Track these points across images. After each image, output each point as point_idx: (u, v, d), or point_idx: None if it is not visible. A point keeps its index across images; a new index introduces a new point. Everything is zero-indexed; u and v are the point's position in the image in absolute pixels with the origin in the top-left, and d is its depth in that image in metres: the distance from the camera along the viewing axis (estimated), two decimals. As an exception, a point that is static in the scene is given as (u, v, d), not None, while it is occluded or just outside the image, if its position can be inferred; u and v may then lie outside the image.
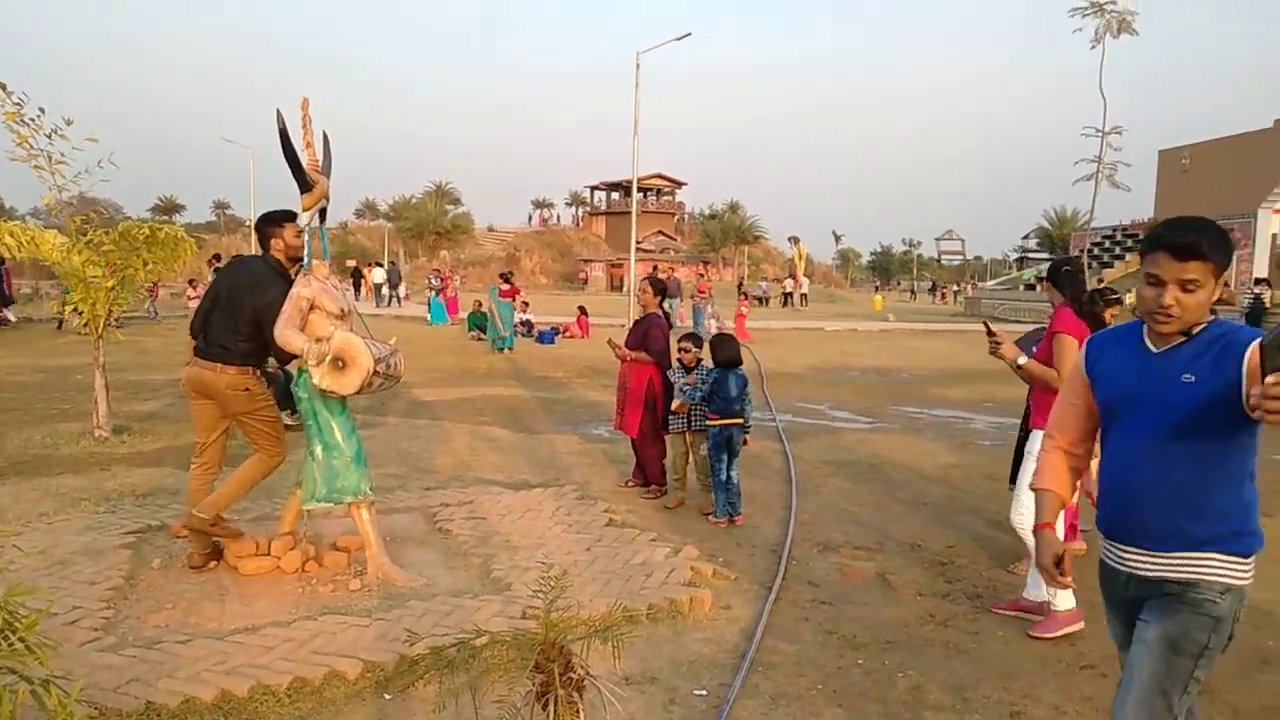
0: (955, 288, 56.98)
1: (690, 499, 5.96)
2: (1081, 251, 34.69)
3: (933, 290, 63.16)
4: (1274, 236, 31.98)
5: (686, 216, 75.91)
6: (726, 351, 5.72)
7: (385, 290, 30.54)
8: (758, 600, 4.25)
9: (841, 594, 4.41)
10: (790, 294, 43.25)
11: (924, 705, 3.28)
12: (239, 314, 4.32)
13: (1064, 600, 3.92)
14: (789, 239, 62.79)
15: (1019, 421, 5.66)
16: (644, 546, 4.75)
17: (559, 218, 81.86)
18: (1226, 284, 29.50)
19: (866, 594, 4.43)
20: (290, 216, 4.36)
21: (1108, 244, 36.88)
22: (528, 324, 20.05)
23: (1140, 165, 36.75)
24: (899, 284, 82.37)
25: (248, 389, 4.35)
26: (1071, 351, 3.90)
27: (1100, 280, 32.69)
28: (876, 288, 69.49)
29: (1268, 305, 23.36)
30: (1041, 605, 4.03)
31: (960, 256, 77.91)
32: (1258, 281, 26.53)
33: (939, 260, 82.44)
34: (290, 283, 4.23)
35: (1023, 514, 4.09)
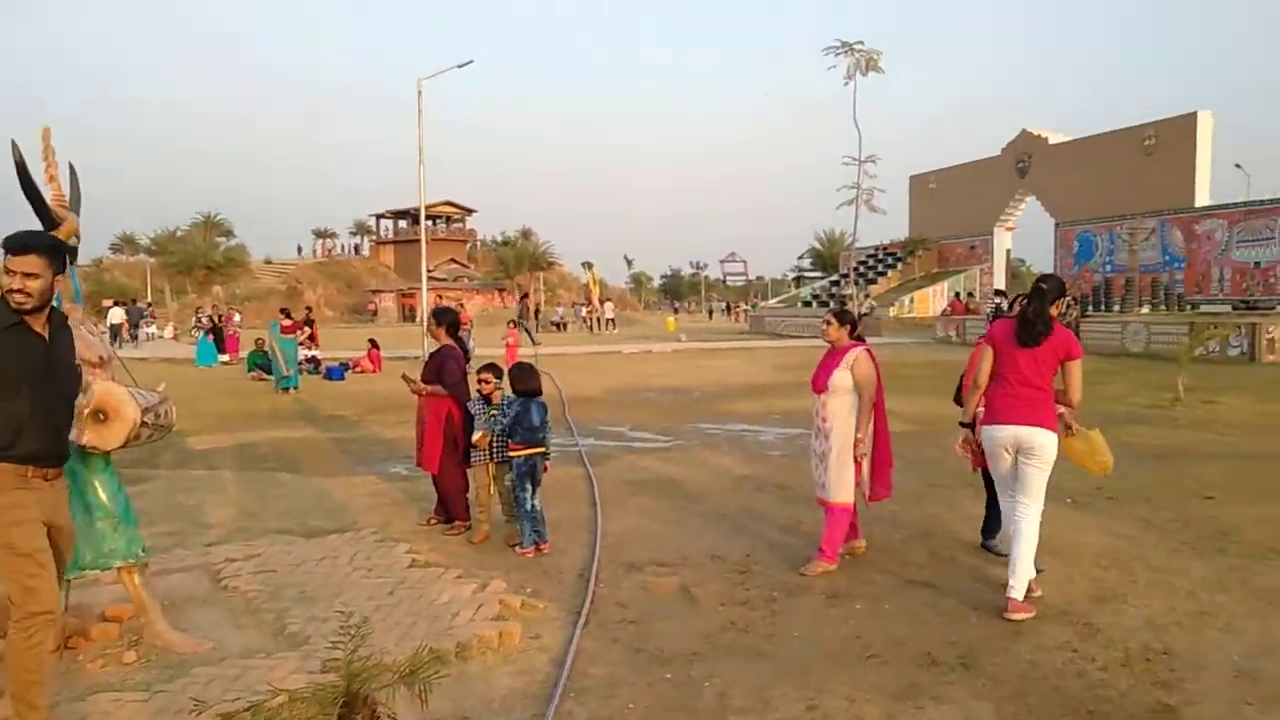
0: (747, 307, 60.16)
1: (495, 531, 5.89)
2: (849, 269, 37.76)
3: (727, 310, 66.80)
4: (1007, 252, 36.29)
5: (479, 244, 75.27)
6: (527, 381, 5.73)
7: (125, 331, 28.30)
8: (567, 627, 4.27)
9: (648, 611, 4.53)
10: (593, 318, 43.85)
11: (729, 710, 3.43)
12: None
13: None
14: (583, 264, 63.72)
15: (806, 431, 6.08)
16: (449, 585, 4.64)
17: (343, 247, 78.67)
18: (971, 294, 33.09)
19: (672, 609, 4.57)
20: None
21: (871, 261, 40.31)
22: (314, 360, 19.06)
23: (897, 189, 40.56)
24: (690, 306, 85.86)
25: None
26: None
27: (867, 295, 35.69)
28: (676, 309, 72.00)
29: (1006, 311, 26.51)
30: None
31: (743, 277, 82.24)
32: (998, 292, 30.13)
33: (724, 281, 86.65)
34: None
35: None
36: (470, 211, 70.73)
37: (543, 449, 5.65)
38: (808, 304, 40.23)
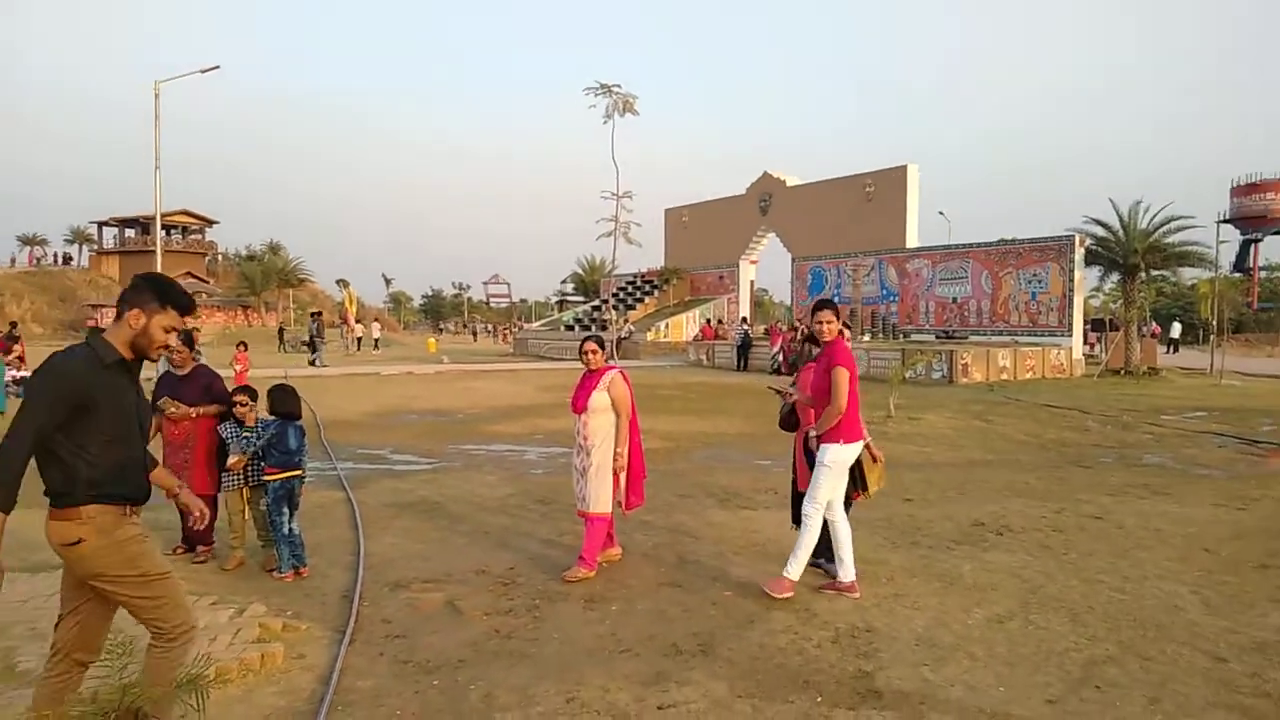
0: (515, 329, 60.27)
1: (250, 557, 5.71)
2: (609, 295, 39.11)
3: (494, 331, 66.42)
4: (751, 283, 39.25)
5: (220, 257, 69.72)
6: (286, 404, 5.62)
7: None
8: (332, 645, 4.29)
9: (414, 626, 4.64)
10: (350, 338, 41.91)
11: (494, 709, 3.65)
12: None
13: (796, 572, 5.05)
14: (337, 282, 60.89)
15: (567, 449, 6.40)
16: (205, 611, 4.48)
17: (55, 257, 69.82)
18: (720, 321, 35.30)
19: (438, 622, 4.71)
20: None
21: (630, 288, 41.98)
22: (21, 382, 16.88)
23: (654, 220, 42.61)
24: (455, 327, 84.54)
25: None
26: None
27: (626, 320, 37.14)
28: (440, 329, 70.31)
29: (751, 338, 28.75)
30: (851, 585, 5.11)
31: (507, 299, 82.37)
32: (744, 320, 32.56)
33: (488, 303, 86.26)
34: None
35: (816, 506, 5.04)
36: (211, 222, 65.36)
37: (299, 472, 5.57)
38: (570, 327, 41.11)
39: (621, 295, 40.73)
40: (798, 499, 5.49)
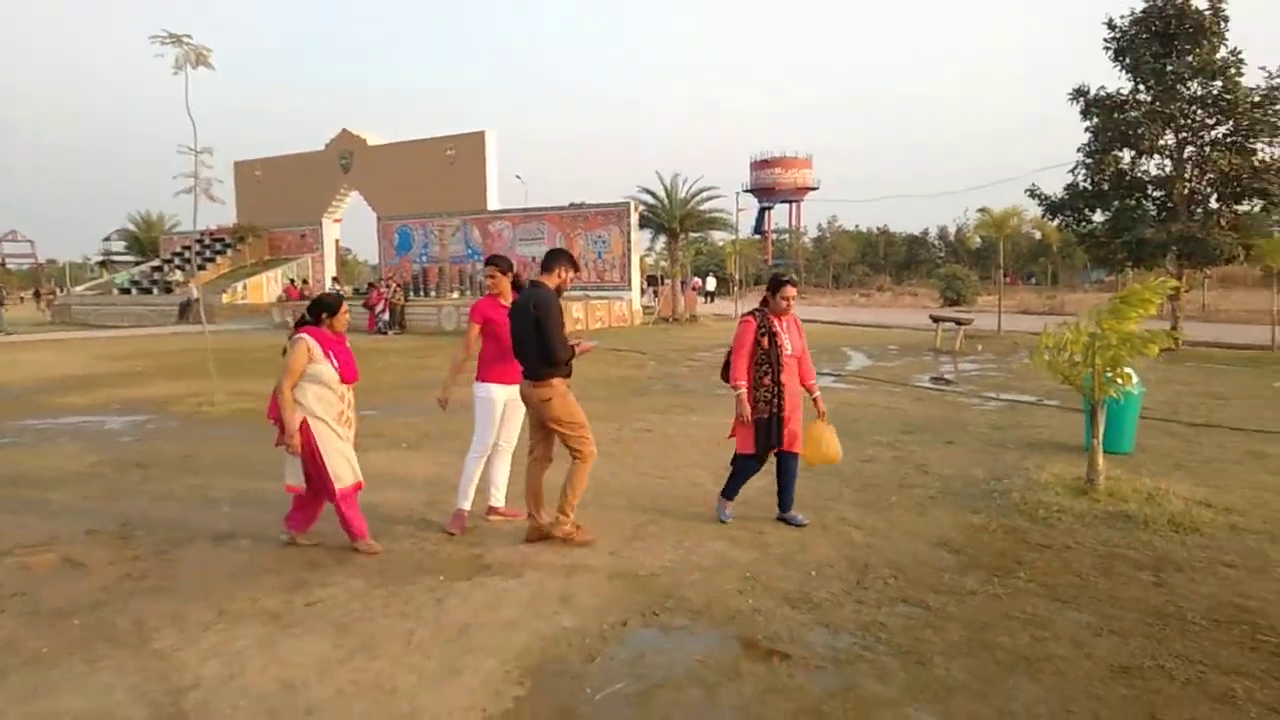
0: (59, 292, 50.85)
1: None
2: (172, 254, 35.39)
3: (38, 297, 55.27)
4: (336, 241, 38.14)
5: None
6: None
7: None
8: (-58, 611, 4.20)
9: (32, 583, 4.64)
10: None
11: (148, 630, 4.00)
12: None
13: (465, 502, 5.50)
14: None
15: (155, 416, 6.42)
16: None
17: None
18: (305, 281, 33.75)
19: (59, 578, 4.75)
20: None
21: (199, 247, 38.31)
22: None
23: (224, 175, 39.14)
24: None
25: None
26: None
27: (186, 282, 34.02)
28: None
29: (343, 298, 28.02)
30: (460, 513, 5.52)
31: (31, 259, 69.52)
32: (335, 280, 31.73)
33: (3, 264, 71.88)
34: None
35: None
36: None
37: None
38: (126, 290, 36.46)
39: (187, 254, 37.04)
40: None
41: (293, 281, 34.31)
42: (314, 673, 3.57)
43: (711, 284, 47.13)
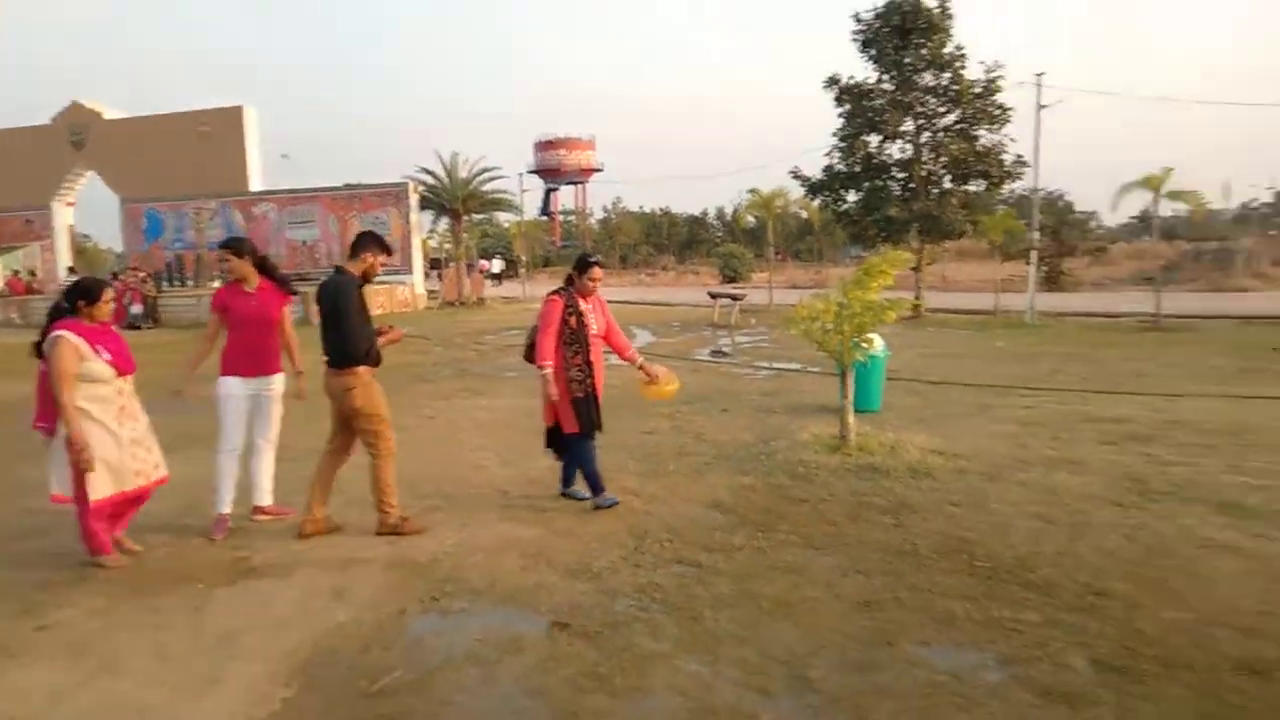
0: None
1: None
2: None
3: None
4: (70, 227, 34.03)
5: None
6: None
7: None
8: None
9: None
10: None
11: None
12: None
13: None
14: None
15: None
16: None
17: None
18: (33, 273, 30.11)
19: None
20: None
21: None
22: None
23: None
24: None
25: None
26: None
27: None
28: None
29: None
30: (221, 518, 5.17)
31: None
32: (71, 270, 28.26)
33: None
34: None
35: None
36: None
37: None
38: None
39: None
40: (551, 434, 5.59)
41: (16, 273, 30.31)
42: (45, 704, 3.22)
43: (498, 266, 46.69)
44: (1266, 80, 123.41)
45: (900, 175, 20.16)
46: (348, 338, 4.85)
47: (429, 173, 27.17)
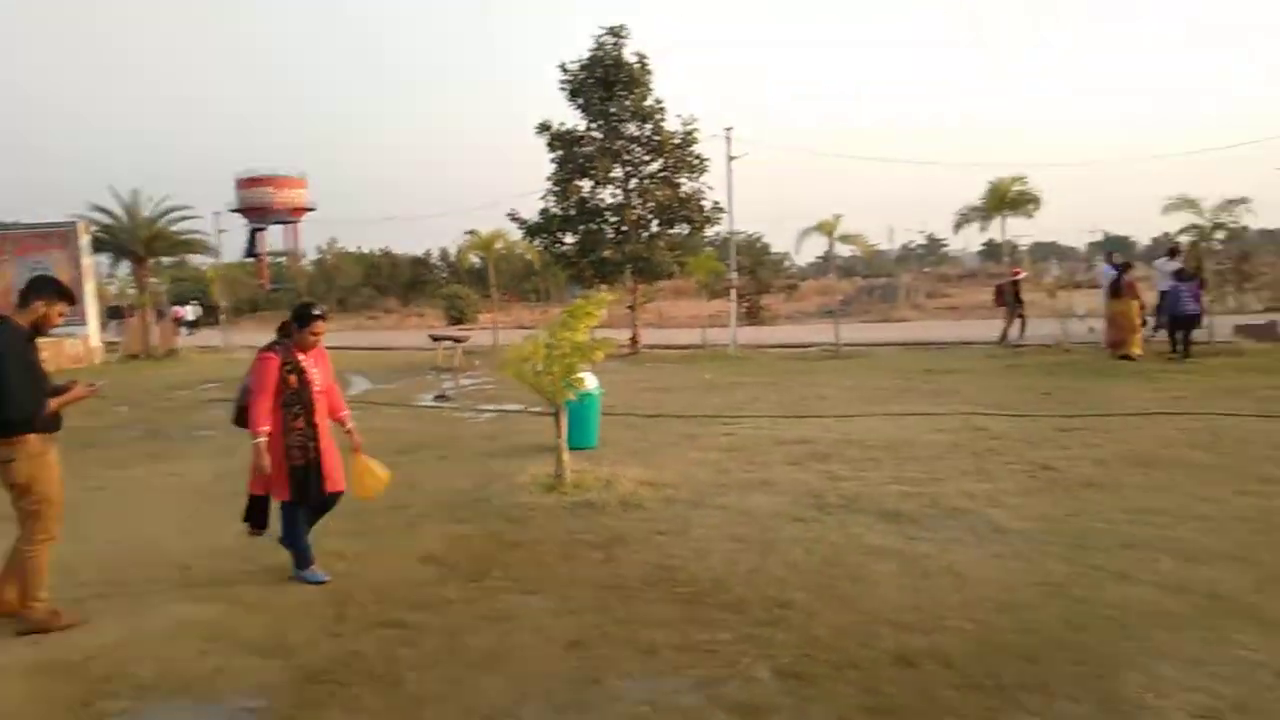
0: None
1: None
2: None
3: None
4: None
5: None
6: None
7: None
8: None
9: None
10: None
11: None
12: None
13: None
14: None
15: None
16: None
17: None
18: None
19: None
20: None
21: None
22: None
23: None
24: None
25: None
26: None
27: None
28: None
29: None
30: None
31: None
32: None
33: None
34: None
35: None
36: None
37: None
38: None
39: None
40: (253, 506, 5.02)
41: None
42: None
43: (193, 313, 42.44)
44: (930, 139, 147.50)
45: (613, 219, 21.02)
46: (7, 399, 4.11)
47: (104, 211, 24.22)
